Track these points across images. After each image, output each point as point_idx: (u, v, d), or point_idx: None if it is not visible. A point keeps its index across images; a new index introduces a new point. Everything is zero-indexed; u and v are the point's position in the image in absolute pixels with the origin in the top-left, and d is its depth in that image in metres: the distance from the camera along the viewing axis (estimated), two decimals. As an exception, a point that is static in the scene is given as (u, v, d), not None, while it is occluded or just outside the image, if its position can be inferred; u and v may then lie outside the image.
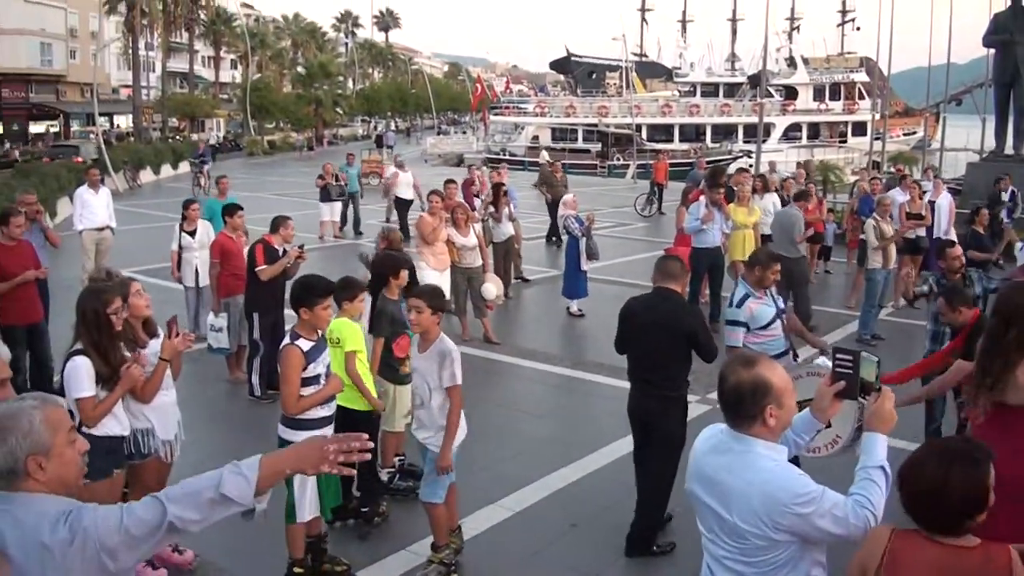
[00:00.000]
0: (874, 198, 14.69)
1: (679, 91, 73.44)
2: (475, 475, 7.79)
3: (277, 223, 10.06)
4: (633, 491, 6.63)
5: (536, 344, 12.46)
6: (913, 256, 14.91)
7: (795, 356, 7.24)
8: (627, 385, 6.76)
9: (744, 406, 3.37)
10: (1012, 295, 5.22)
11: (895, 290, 14.77)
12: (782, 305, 7.28)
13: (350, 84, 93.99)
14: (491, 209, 15.16)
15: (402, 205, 21.98)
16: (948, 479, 3.04)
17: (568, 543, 6.70)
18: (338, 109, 75.99)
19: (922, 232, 14.90)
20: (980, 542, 3.08)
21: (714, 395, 9.84)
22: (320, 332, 5.88)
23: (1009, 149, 24.20)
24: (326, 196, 21.40)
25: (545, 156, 40.50)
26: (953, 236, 14.43)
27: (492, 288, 12.21)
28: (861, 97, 64.50)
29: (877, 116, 46.18)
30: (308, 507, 5.81)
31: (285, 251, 9.94)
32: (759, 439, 3.37)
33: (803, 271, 13.12)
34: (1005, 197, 18.65)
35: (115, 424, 5.47)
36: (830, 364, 6.52)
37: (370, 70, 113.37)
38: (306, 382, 5.68)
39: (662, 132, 62.31)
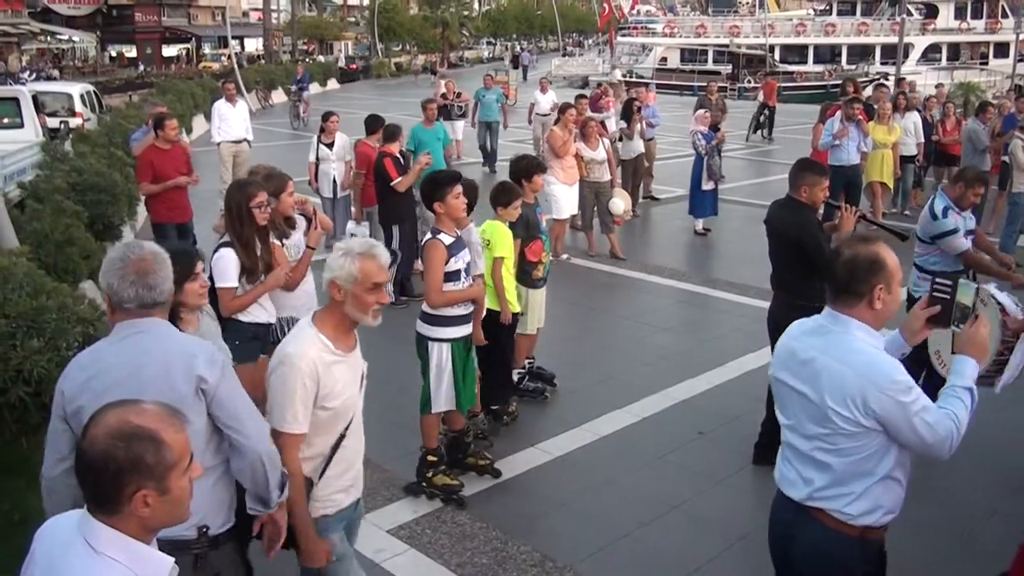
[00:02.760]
0: (1020, 117, 14.03)
1: (814, 9, 70.78)
2: (602, 383, 7.91)
3: (394, 133, 10.29)
4: (760, 404, 6.54)
5: (662, 260, 12.43)
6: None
7: (974, 277, 7.00)
8: (753, 303, 6.68)
9: (855, 281, 3.32)
10: None
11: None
12: (973, 224, 7.08)
13: (476, 5, 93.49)
14: (623, 125, 15.04)
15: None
16: None
17: (695, 449, 6.76)
18: (464, 31, 75.78)
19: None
20: None
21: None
22: (459, 230, 6.01)
23: None
24: (446, 115, 21.32)
25: (617, 76, 38.06)
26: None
27: (620, 203, 12.17)
28: (1005, 16, 61.09)
29: (1022, 37, 43.80)
30: (443, 400, 5.99)
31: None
32: (860, 322, 3.33)
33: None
34: None
35: (261, 312, 5.75)
36: (997, 293, 6.41)
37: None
38: (448, 277, 5.81)
39: (796, 53, 60.27)
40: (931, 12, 62.52)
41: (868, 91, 20.17)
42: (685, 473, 6.40)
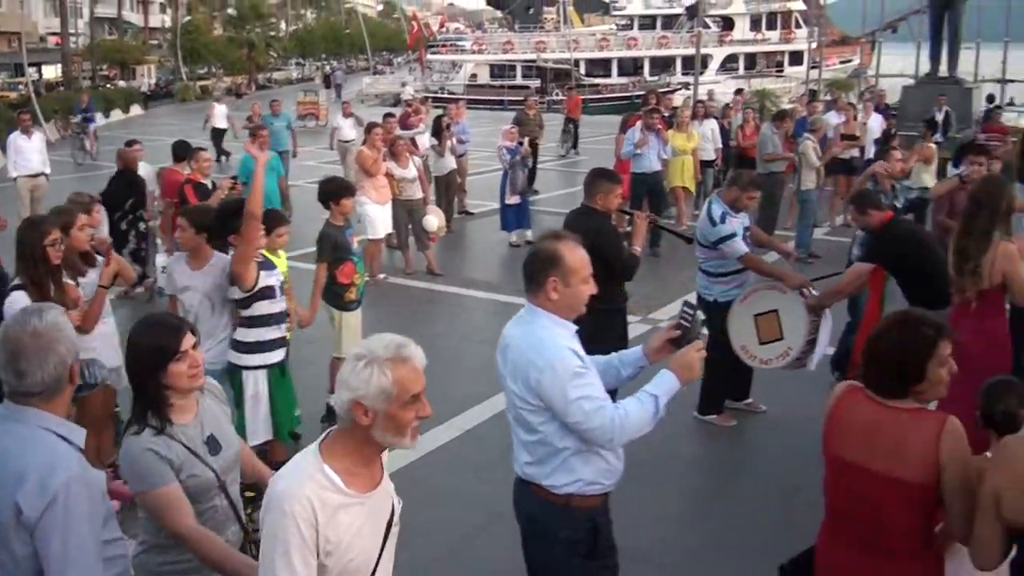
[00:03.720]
0: (810, 120, 14.90)
1: (617, 25, 73.09)
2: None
3: (188, 155, 10.06)
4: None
5: (479, 274, 12.59)
6: (848, 177, 15.17)
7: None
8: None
9: (535, 273, 3.59)
10: (987, 184, 6.18)
11: (830, 210, 15.10)
12: (747, 223, 7.43)
13: (283, 25, 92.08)
14: (434, 142, 15.13)
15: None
16: (890, 342, 3.26)
17: (516, 457, 6.85)
18: (271, 52, 74.48)
19: (856, 152, 15.20)
20: (918, 407, 3.26)
21: (655, 315, 10.16)
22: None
23: (943, 72, 24.64)
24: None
25: (409, 93, 38.14)
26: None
27: (433, 220, 12.23)
28: (798, 26, 64.62)
29: (813, 45, 46.54)
30: (261, 430, 5.86)
31: (214, 184, 9.92)
32: (546, 311, 3.57)
33: (775, 187, 13.46)
34: (939, 117, 19.13)
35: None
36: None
37: (303, 11, 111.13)
38: (262, 293, 5.71)
39: (600, 66, 62.03)
40: (728, 25, 65.55)
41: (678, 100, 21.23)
42: (509, 478, 6.46)
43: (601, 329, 6.58)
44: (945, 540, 3.32)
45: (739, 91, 22.82)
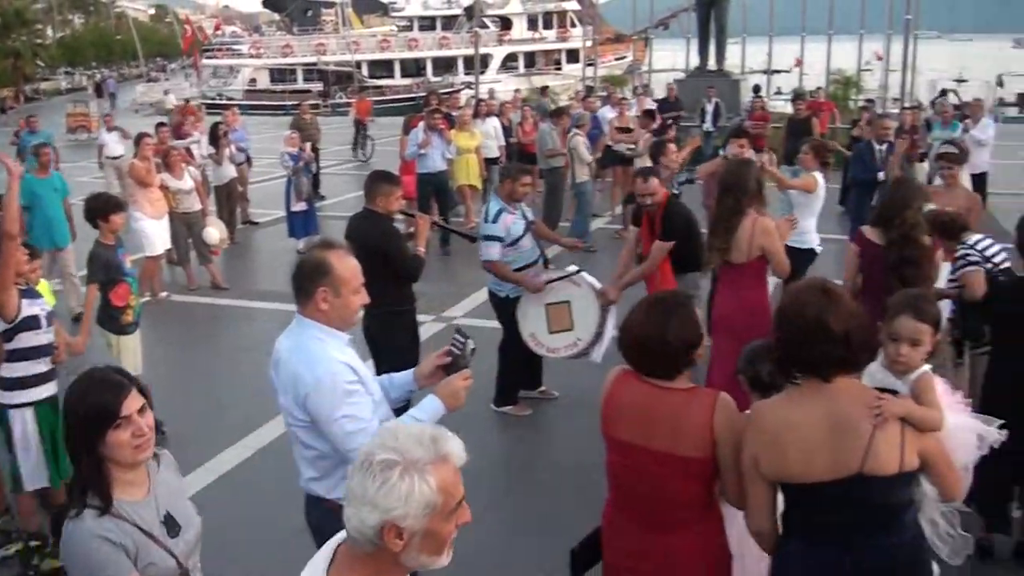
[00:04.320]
0: (581, 114, 15.35)
1: (397, 26, 73.00)
2: (215, 420, 7.66)
3: None
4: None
5: (267, 285, 12.26)
6: (625, 167, 15.70)
7: (547, 263, 7.53)
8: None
9: (303, 283, 3.50)
10: (731, 168, 6.54)
11: (611, 201, 15.61)
12: (531, 217, 7.54)
13: (49, 32, 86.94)
14: (211, 151, 14.64)
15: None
16: (668, 327, 3.34)
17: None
18: (38, 61, 70.22)
19: (632, 145, 15.72)
20: (691, 386, 3.42)
21: (449, 313, 10.20)
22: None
23: (712, 65, 26.00)
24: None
25: (173, 101, 36.76)
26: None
27: (214, 232, 11.82)
28: (573, 25, 66.40)
29: (588, 43, 47.85)
30: (35, 475, 5.48)
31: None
32: (317, 322, 3.50)
33: (557, 181, 13.83)
34: (709, 108, 20.12)
35: None
36: (587, 276, 7.02)
37: (70, 16, 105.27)
38: (25, 323, 5.33)
39: (383, 68, 61.77)
40: (506, 24, 66.60)
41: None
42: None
43: (390, 331, 6.58)
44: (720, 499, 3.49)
45: (518, 91, 23.29)
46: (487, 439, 7.34)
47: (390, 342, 6.57)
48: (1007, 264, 6.13)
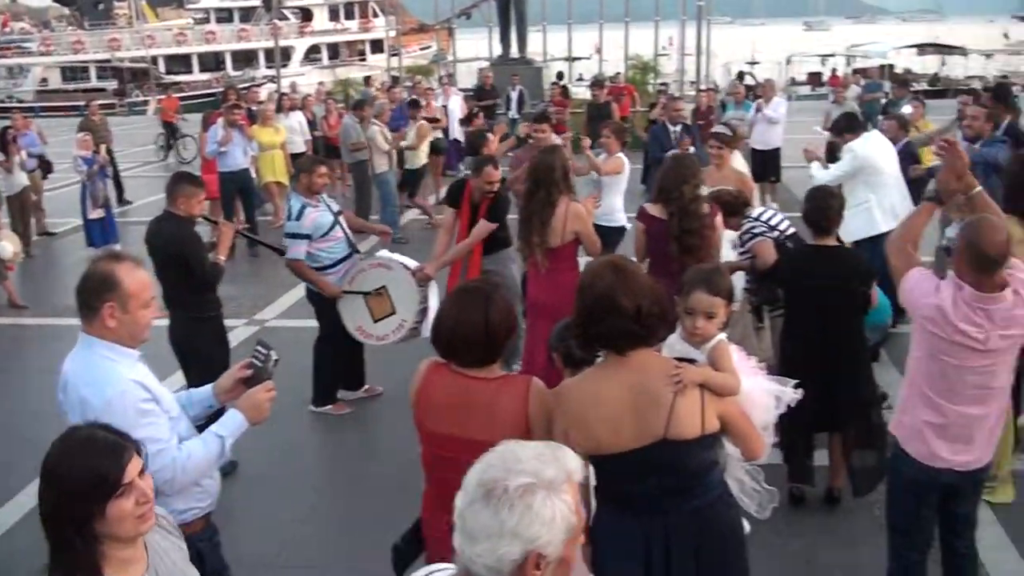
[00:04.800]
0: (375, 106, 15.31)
1: (193, 19, 70.56)
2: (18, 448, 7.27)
3: None
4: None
5: (70, 299, 11.44)
6: (436, 157, 15.79)
7: (356, 252, 7.49)
8: (164, 323, 6.55)
9: (85, 298, 3.37)
10: (541, 158, 6.64)
11: (423, 191, 15.62)
12: (336, 208, 7.47)
13: None
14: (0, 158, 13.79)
15: None
16: (483, 316, 3.38)
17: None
18: None
19: (440, 134, 15.84)
20: (504, 374, 3.48)
21: (260, 316, 9.99)
22: None
23: (515, 53, 26.39)
24: None
25: None
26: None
27: (7, 246, 11.11)
28: (375, 15, 65.88)
29: (392, 33, 47.64)
30: None
31: None
32: (104, 340, 3.34)
33: (363, 174, 13.74)
34: (513, 95, 20.42)
35: None
36: (394, 256, 7.04)
37: None
38: None
39: (180, 63, 59.66)
40: (307, 16, 65.40)
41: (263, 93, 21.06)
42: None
43: (196, 338, 6.42)
44: None
45: (321, 83, 22.97)
46: (309, 441, 7.27)
47: (197, 350, 6.41)
48: (792, 230, 6.50)
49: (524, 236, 6.55)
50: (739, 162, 8.73)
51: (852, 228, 7.61)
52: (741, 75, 28.27)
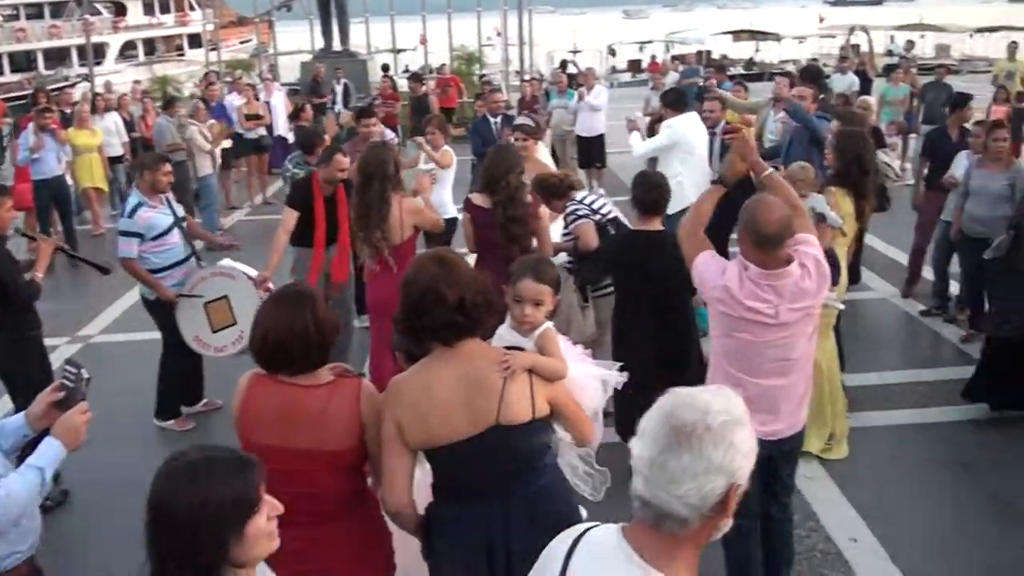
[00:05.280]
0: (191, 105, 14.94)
1: (2, 15, 66.77)
2: None
3: None
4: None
5: None
6: (260, 155, 15.47)
7: (199, 261, 7.26)
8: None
9: None
10: (372, 154, 6.58)
11: (248, 190, 15.32)
12: (181, 213, 7.23)
13: None
14: None
15: None
16: (308, 322, 3.32)
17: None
18: None
19: (263, 131, 15.52)
20: (332, 379, 3.41)
21: (85, 331, 9.59)
22: None
23: (337, 46, 26.01)
24: None
25: None
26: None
27: None
28: (192, 8, 63.84)
29: (210, 27, 46.31)
30: None
31: None
32: None
33: (183, 176, 13.05)
34: (338, 89, 20.18)
35: None
36: (237, 265, 6.85)
37: None
38: None
39: (-11, 63, 56.48)
40: (121, 10, 62.79)
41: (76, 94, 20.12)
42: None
43: (18, 360, 6.10)
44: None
45: (137, 82, 22.14)
46: (150, 462, 6.98)
47: (21, 373, 6.09)
48: (613, 214, 6.76)
49: (363, 233, 6.44)
50: (543, 153, 8.89)
51: None
52: (564, 64, 28.75)
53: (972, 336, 8.26)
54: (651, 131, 10.24)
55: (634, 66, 46.86)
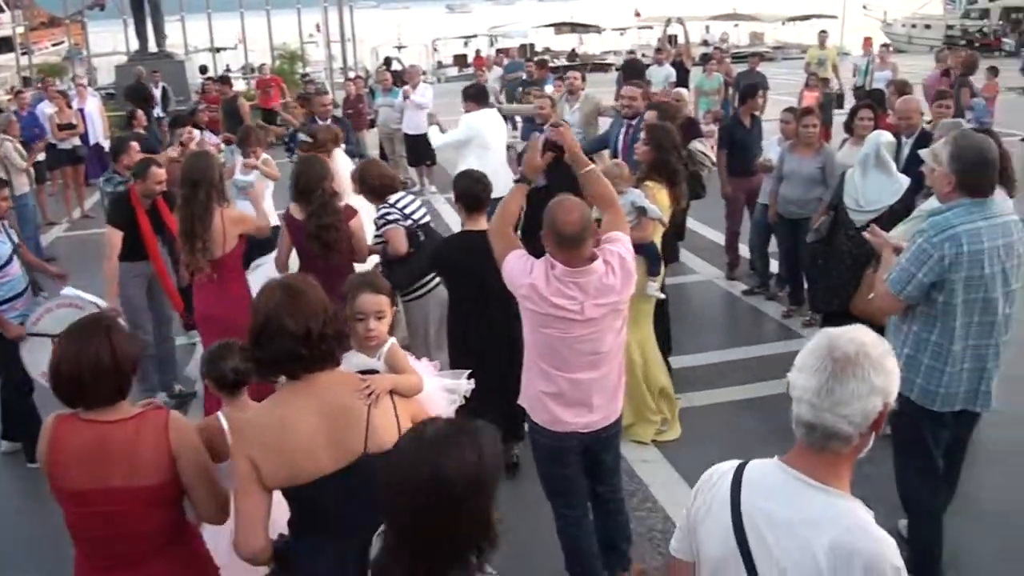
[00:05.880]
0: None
1: None
2: None
3: None
4: None
5: None
6: (75, 167, 14.77)
7: (36, 291, 6.73)
8: None
9: None
10: (194, 162, 6.39)
11: (65, 205, 14.63)
12: (16, 240, 6.75)
13: None
14: None
15: None
16: (116, 346, 3.16)
17: None
18: None
19: (77, 141, 14.84)
20: (138, 411, 3.24)
21: None
22: None
23: (153, 47, 25.03)
24: None
25: None
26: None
27: None
28: (2, 10, 60.52)
29: (20, 29, 43.95)
30: None
31: None
32: None
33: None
34: (156, 93, 19.46)
35: None
36: (83, 295, 6.43)
37: None
38: None
39: None
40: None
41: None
42: None
43: None
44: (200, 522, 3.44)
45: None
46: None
47: None
48: (425, 220, 6.73)
49: (188, 246, 6.18)
50: (341, 161, 8.62)
51: None
52: (388, 61, 28.58)
53: (793, 312, 8.69)
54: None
55: (460, 61, 47.06)
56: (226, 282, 6.27)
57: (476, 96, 9.48)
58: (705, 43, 39.65)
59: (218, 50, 31.43)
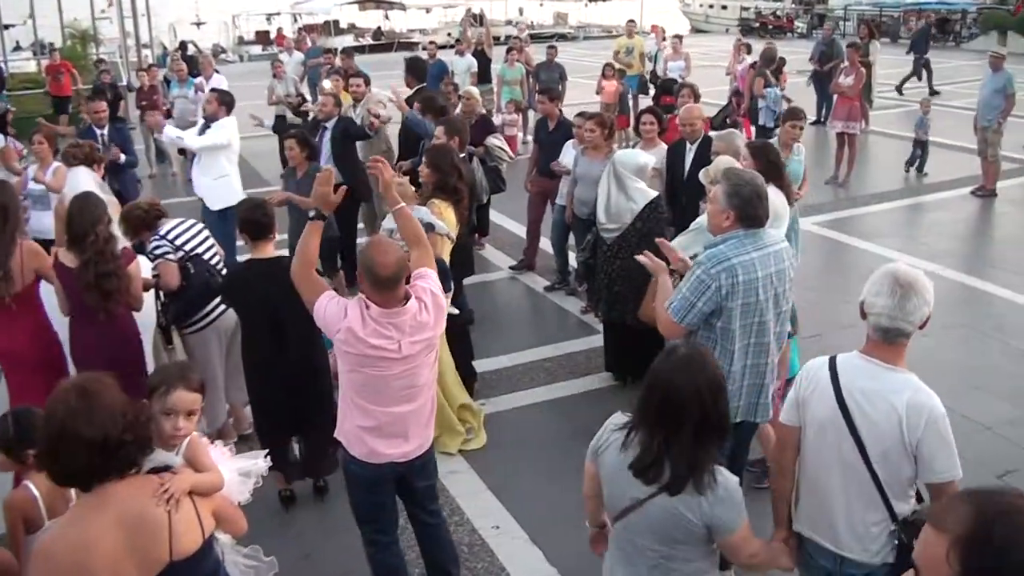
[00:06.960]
0: None
1: None
2: None
3: None
4: None
5: None
6: None
7: None
8: None
9: None
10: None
11: None
12: None
13: None
14: None
15: None
16: None
17: None
18: None
19: None
20: None
21: None
22: None
23: None
24: None
25: None
26: None
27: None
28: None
29: None
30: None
31: None
32: None
33: None
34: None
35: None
36: None
37: None
38: None
39: None
40: None
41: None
42: None
43: None
44: None
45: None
46: None
47: None
48: (197, 251, 6.40)
49: None
50: (84, 179, 8.07)
51: (217, 196, 9.45)
52: (184, 45, 27.39)
53: (591, 307, 8.98)
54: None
55: (263, 37, 45.87)
56: (23, 316, 5.87)
57: (231, 104, 9.64)
58: (510, 22, 40.03)
59: (6, 27, 29.16)
